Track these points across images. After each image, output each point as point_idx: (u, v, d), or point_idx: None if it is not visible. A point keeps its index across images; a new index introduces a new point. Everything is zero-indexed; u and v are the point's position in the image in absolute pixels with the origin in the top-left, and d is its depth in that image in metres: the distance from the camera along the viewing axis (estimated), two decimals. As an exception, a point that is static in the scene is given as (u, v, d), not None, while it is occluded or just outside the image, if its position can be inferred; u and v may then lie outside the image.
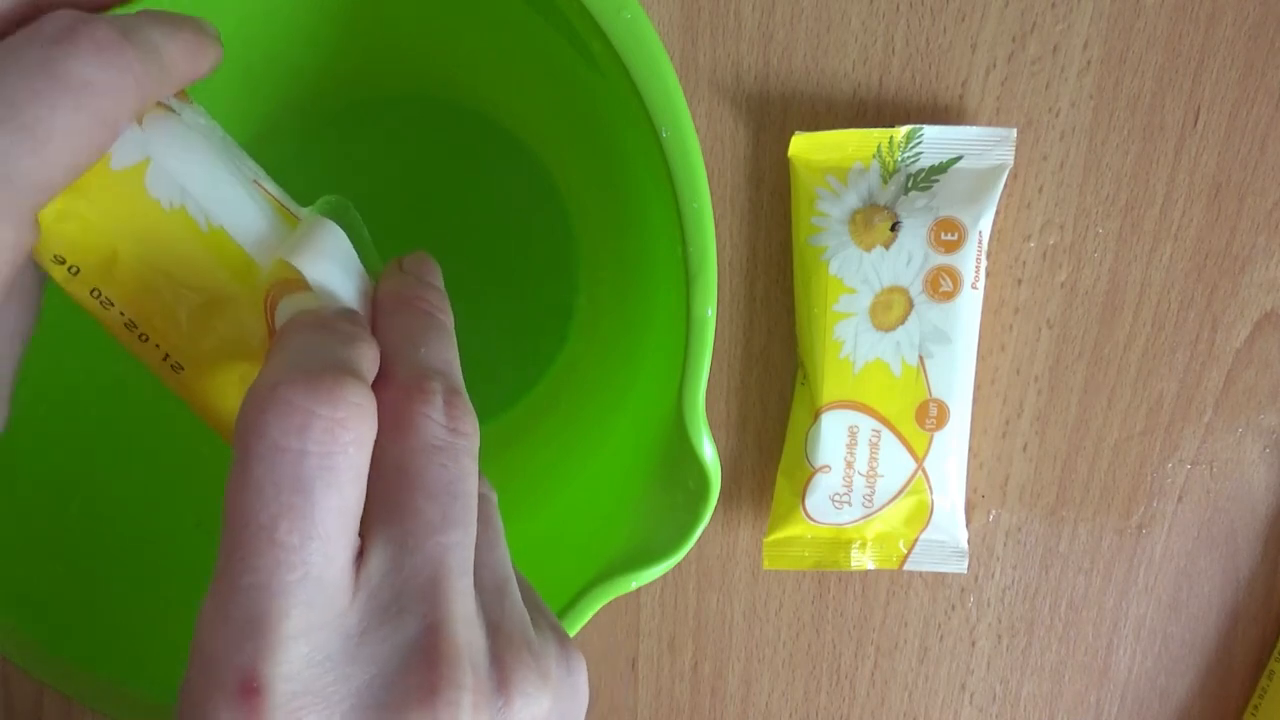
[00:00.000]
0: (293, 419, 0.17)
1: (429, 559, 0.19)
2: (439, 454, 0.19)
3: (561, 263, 0.35)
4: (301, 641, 0.17)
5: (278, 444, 0.17)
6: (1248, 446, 0.38)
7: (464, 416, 0.20)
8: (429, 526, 0.19)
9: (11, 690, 0.40)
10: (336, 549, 0.18)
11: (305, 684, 0.17)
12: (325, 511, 0.18)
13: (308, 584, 0.17)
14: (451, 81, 0.33)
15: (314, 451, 0.17)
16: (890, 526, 0.37)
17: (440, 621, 0.18)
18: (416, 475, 0.19)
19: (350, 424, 0.18)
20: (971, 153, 0.35)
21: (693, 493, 0.26)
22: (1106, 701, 0.40)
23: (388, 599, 0.18)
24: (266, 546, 0.17)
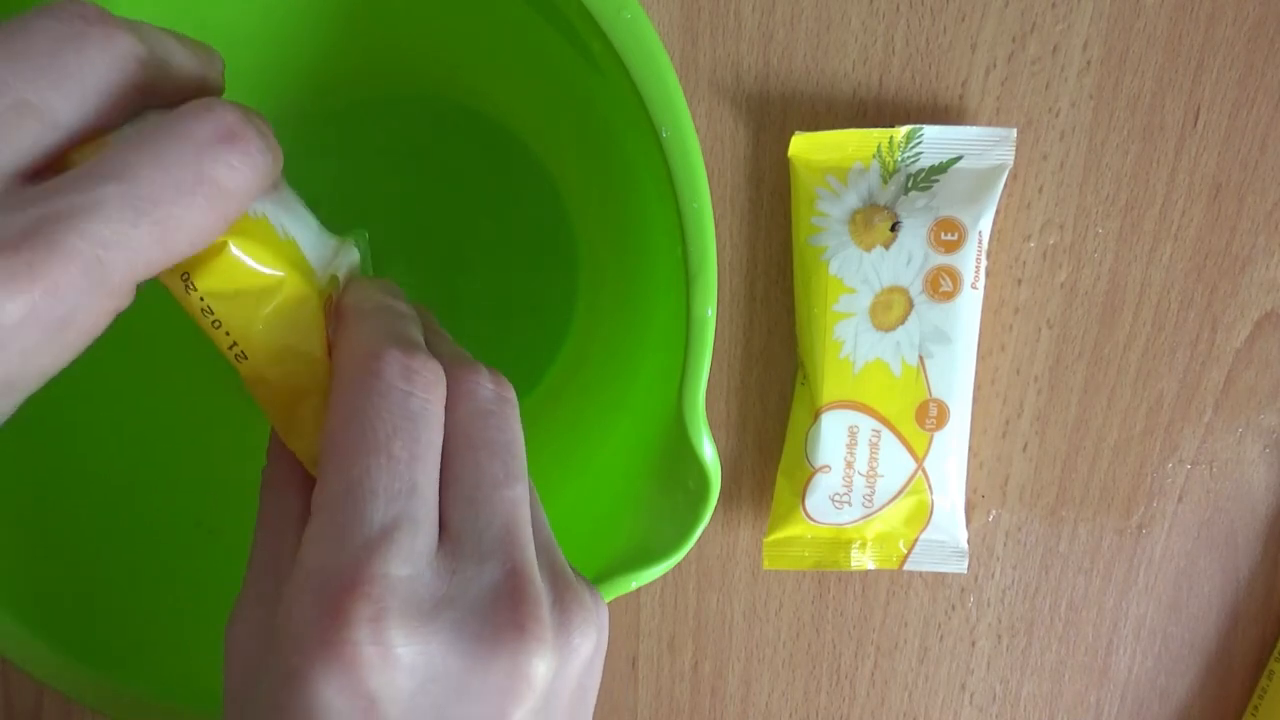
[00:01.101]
0: (399, 370, 0.21)
1: (500, 511, 0.21)
2: (493, 417, 0.22)
3: (561, 263, 0.35)
4: (406, 562, 0.19)
5: (392, 384, 0.20)
6: (1248, 446, 0.38)
7: (505, 384, 0.23)
8: (495, 481, 0.21)
9: (11, 690, 0.40)
10: (432, 479, 0.21)
11: (409, 603, 0.19)
12: (427, 442, 0.21)
13: (414, 502, 0.20)
14: (452, 81, 0.33)
15: (419, 395, 0.21)
16: (890, 526, 0.37)
17: (520, 566, 0.21)
18: (477, 437, 0.22)
19: (438, 386, 0.21)
20: (971, 153, 0.35)
21: (693, 493, 0.26)
22: (1106, 701, 0.40)
23: (470, 546, 0.21)
24: (384, 459, 0.20)
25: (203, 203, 0.18)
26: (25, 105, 0.17)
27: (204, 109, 0.19)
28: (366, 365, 0.21)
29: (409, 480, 0.20)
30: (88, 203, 0.17)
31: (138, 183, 0.17)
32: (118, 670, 0.28)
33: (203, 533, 0.32)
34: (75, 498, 0.30)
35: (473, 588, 0.20)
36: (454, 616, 0.20)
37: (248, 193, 0.19)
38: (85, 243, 0.17)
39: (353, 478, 0.20)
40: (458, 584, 0.20)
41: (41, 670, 0.28)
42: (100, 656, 0.28)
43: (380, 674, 0.19)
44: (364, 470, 0.20)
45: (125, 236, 0.17)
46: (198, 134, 0.18)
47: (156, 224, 0.18)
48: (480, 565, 0.20)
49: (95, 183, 0.17)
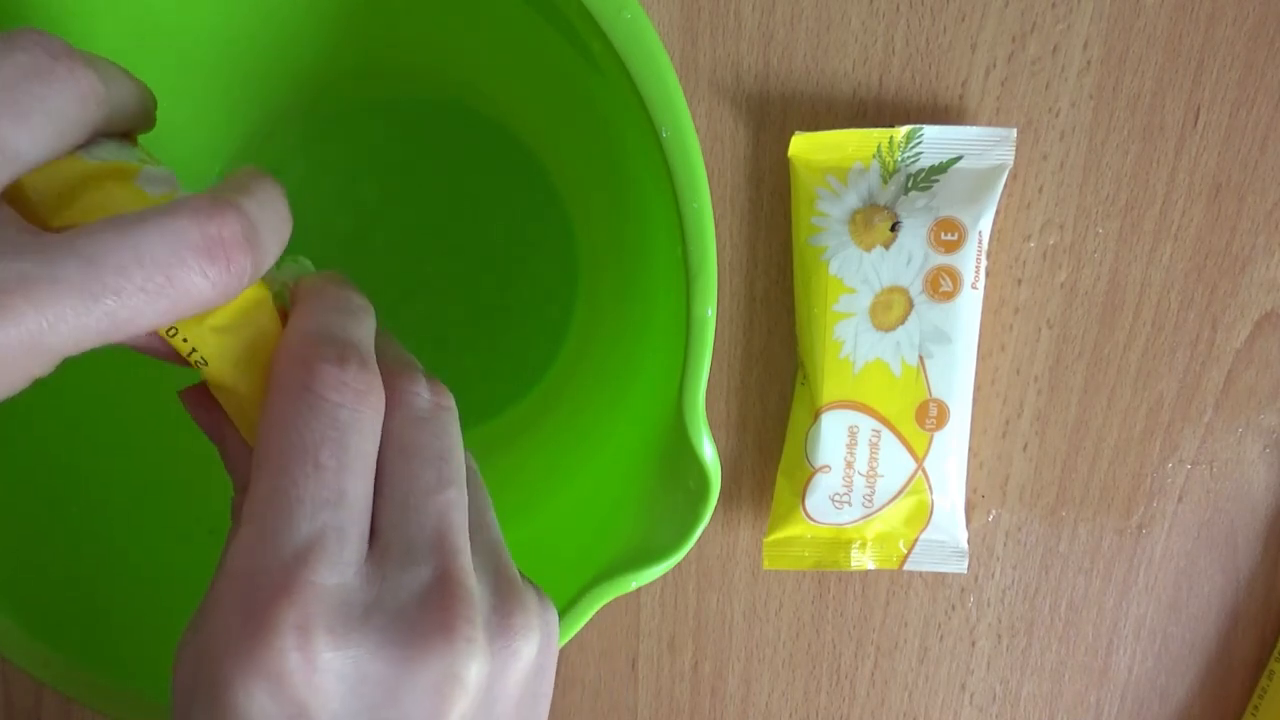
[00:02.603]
0: (329, 381, 0.20)
1: (431, 515, 0.21)
2: (429, 424, 0.22)
3: (561, 263, 0.34)
4: (333, 570, 0.19)
5: (321, 395, 0.20)
6: (1248, 446, 0.38)
7: (444, 391, 0.23)
8: (426, 488, 0.21)
9: (11, 690, 0.40)
10: (362, 486, 0.21)
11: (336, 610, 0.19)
12: (357, 451, 0.20)
13: (341, 511, 0.20)
14: (452, 82, 0.33)
15: (349, 405, 0.21)
16: (890, 526, 0.37)
17: (450, 569, 0.21)
18: (410, 444, 0.22)
19: (372, 395, 0.21)
20: (971, 153, 0.35)
21: (693, 493, 0.26)
22: (1106, 701, 0.40)
23: (400, 551, 0.21)
24: (311, 468, 0.20)
25: (165, 305, 0.18)
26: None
27: (207, 211, 0.18)
28: (297, 376, 0.21)
29: (336, 489, 0.20)
30: (46, 277, 0.17)
31: (103, 271, 0.17)
32: (117, 670, 0.28)
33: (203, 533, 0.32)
34: (75, 498, 0.30)
35: (402, 593, 0.20)
36: (381, 622, 0.20)
37: (217, 302, 0.19)
38: (35, 314, 0.17)
39: (280, 487, 0.20)
40: (386, 589, 0.20)
41: (41, 670, 0.28)
42: (100, 656, 0.28)
43: (308, 681, 0.19)
44: (291, 480, 0.20)
45: (74, 320, 0.17)
46: (186, 237, 0.18)
47: (108, 315, 0.17)
48: (409, 570, 0.20)
49: (62, 256, 0.17)
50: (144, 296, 0.18)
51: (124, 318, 0.18)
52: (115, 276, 0.17)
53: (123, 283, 0.17)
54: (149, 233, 0.18)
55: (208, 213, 0.18)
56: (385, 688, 0.19)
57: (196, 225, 0.18)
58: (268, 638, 0.18)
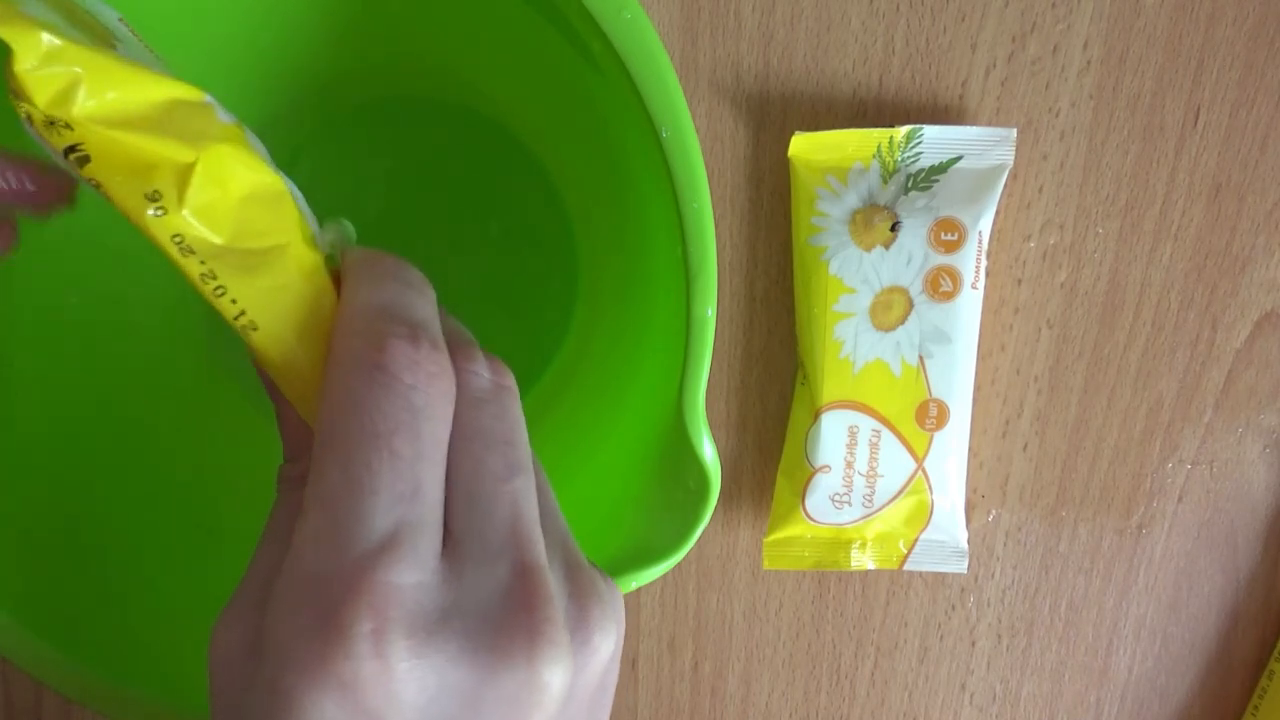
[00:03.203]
0: (403, 360, 0.19)
1: (503, 507, 0.20)
2: (490, 405, 0.21)
3: (561, 263, 0.34)
4: (411, 569, 0.18)
5: (395, 375, 0.19)
6: (1248, 446, 0.38)
7: (504, 369, 0.22)
8: (495, 475, 0.20)
9: (11, 690, 0.40)
10: (436, 476, 0.19)
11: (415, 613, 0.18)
12: (431, 437, 0.19)
13: (417, 505, 0.19)
14: (451, 82, 0.33)
15: (422, 388, 0.19)
16: (890, 526, 0.37)
17: (528, 565, 0.19)
18: (473, 428, 0.20)
19: (445, 378, 0.20)
20: (971, 153, 0.35)
21: (693, 493, 0.26)
22: (1106, 701, 0.40)
23: (475, 547, 0.19)
24: (387, 456, 0.18)
25: None
26: None
27: None
28: (367, 353, 0.19)
29: (412, 480, 0.19)
30: None
31: None
32: (118, 670, 0.28)
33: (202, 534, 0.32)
34: (75, 497, 0.30)
35: (481, 592, 0.19)
36: (462, 625, 0.18)
37: None
38: None
39: (353, 474, 0.18)
40: (465, 589, 0.19)
41: (41, 670, 0.28)
42: (100, 656, 0.28)
43: (384, 691, 0.17)
44: (365, 467, 0.18)
45: None
46: None
47: None
48: (487, 567, 0.19)
49: None
50: None
51: None
52: None
53: None
54: None
55: None
56: (466, 696, 0.18)
57: None
58: (341, 643, 0.17)
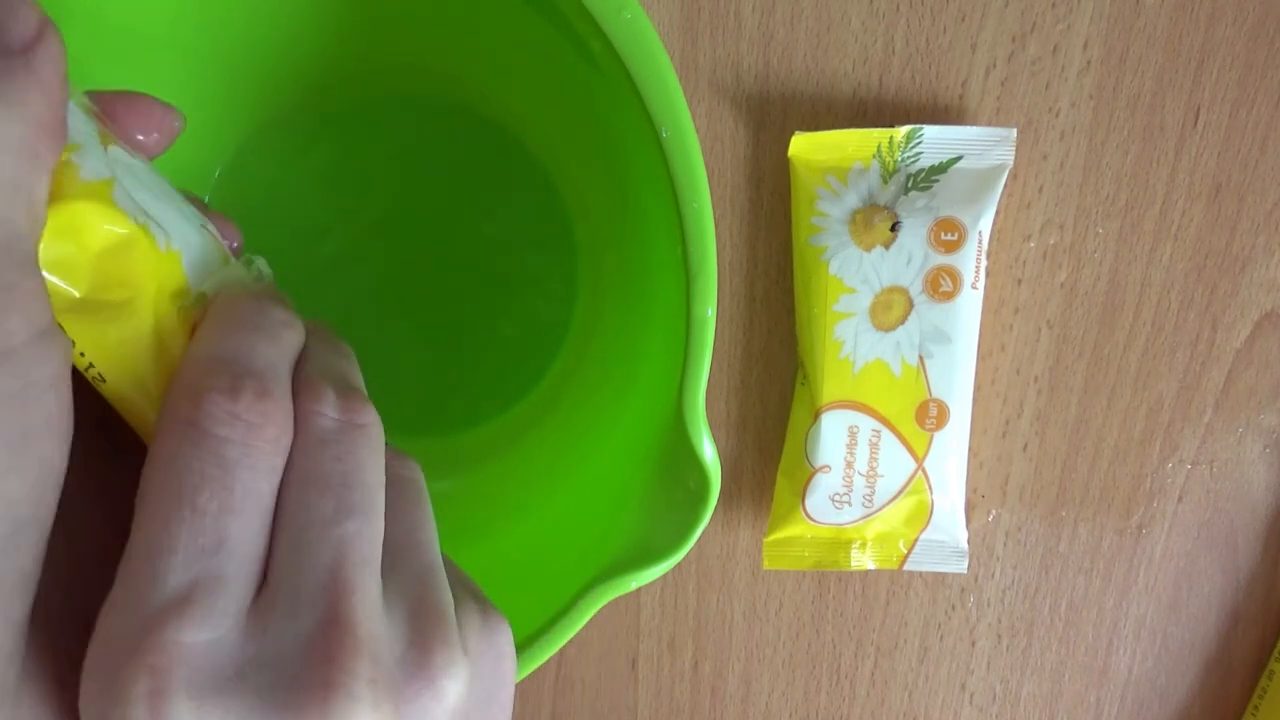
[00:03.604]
0: (217, 414, 0.18)
1: (325, 552, 0.19)
2: (332, 447, 0.20)
3: (561, 263, 0.34)
4: (203, 626, 0.17)
5: (206, 430, 0.18)
6: (1248, 446, 0.38)
7: (359, 408, 0.21)
8: (323, 520, 0.19)
9: (11, 690, 0.39)
10: (249, 532, 0.18)
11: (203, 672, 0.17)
12: (244, 490, 0.18)
13: (220, 559, 0.18)
14: (451, 81, 0.33)
15: (238, 440, 0.18)
16: (890, 526, 0.37)
17: (337, 615, 0.18)
18: (310, 471, 0.19)
19: (270, 427, 0.19)
20: (971, 153, 0.35)
21: (693, 493, 0.26)
22: (1106, 701, 0.40)
23: (288, 596, 0.18)
24: (187, 513, 0.18)
25: None
26: None
27: None
28: (183, 408, 0.18)
29: (216, 535, 0.18)
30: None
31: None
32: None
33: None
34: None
35: (284, 644, 0.18)
36: (259, 681, 0.17)
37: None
38: None
39: (152, 535, 0.18)
40: (267, 642, 0.18)
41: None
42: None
43: None
44: (164, 526, 0.18)
45: None
46: None
47: None
48: (295, 618, 0.18)
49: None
50: None
51: None
52: None
53: None
54: None
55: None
56: None
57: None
58: (117, 707, 0.16)
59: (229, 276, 0.22)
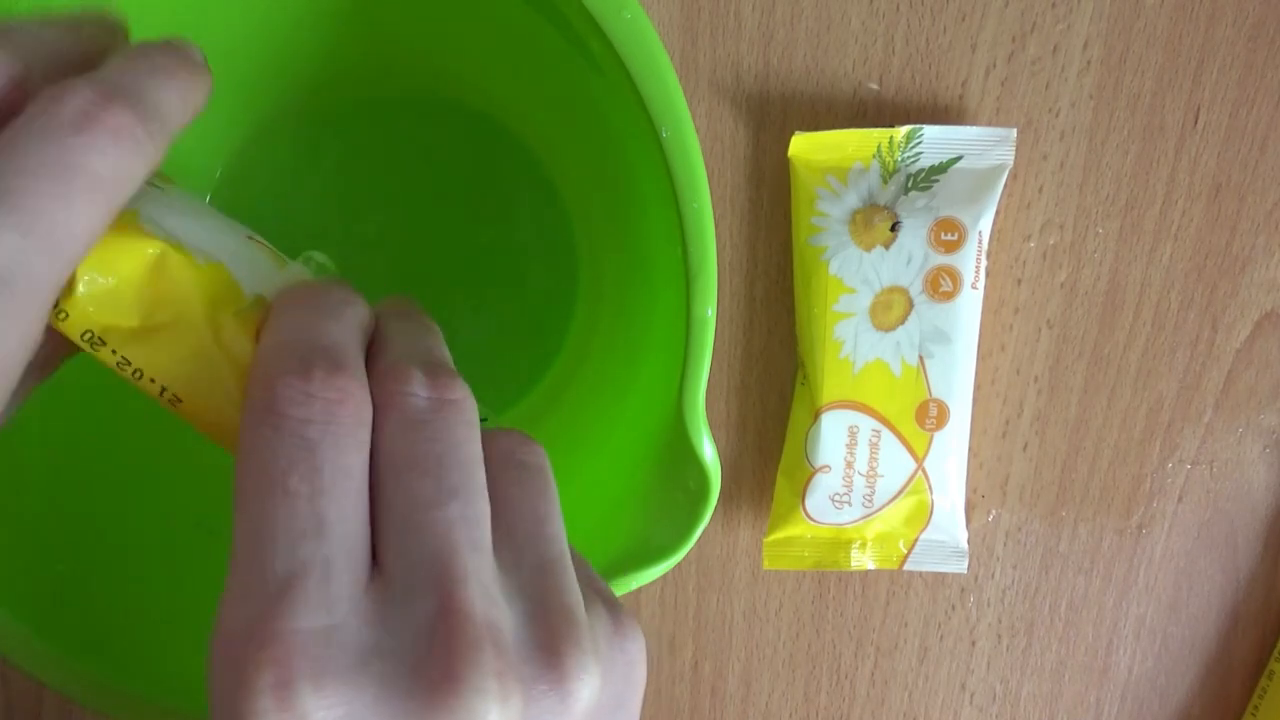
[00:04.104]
0: (292, 395, 0.18)
1: (431, 537, 0.18)
2: (424, 428, 0.19)
3: (561, 263, 0.35)
4: (317, 612, 0.17)
5: (284, 413, 0.18)
6: (1248, 446, 0.38)
7: (448, 383, 0.20)
8: (425, 503, 0.19)
9: (11, 690, 0.40)
10: (347, 512, 0.18)
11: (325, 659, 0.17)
12: (333, 469, 0.18)
13: (323, 542, 0.17)
14: (451, 81, 0.33)
15: (317, 419, 0.18)
16: (890, 526, 0.37)
17: (452, 603, 0.18)
18: (404, 454, 0.19)
19: (349, 402, 0.19)
20: (971, 153, 0.35)
21: (693, 493, 0.26)
22: (1106, 701, 0.40)
23: (401, 583, 0.18)
24: (280, 498, 0.18)
25: (83, 200, 0.17)
26: None
27: (52, 101, 0.17)
28: (259, 397, 0.18)
29: (313, 518, 0.18)
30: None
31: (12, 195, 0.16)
32: (117, 670, 0.28)
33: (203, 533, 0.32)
34: (75, 497, 0.30)
35: (406, 632, 0.17)
36: (382, 669, 0.17)
37: (133, 175, 0.18)
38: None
39: (251, 526, 0.18)
40: (388, 629, 0.17)
41: (41, 670, 0.28)
42: (100, 656, 0.28)
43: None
44: (260, 515, 0.18)
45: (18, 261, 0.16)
46: (57, 127, 0.17)
47: (44, 238, 0.16)
48: (413, 604, 0.18)
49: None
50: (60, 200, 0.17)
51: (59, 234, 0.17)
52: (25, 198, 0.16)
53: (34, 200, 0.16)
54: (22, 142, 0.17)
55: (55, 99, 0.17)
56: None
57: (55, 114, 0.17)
58: (249, 702, 0.16)
59: (289, 277, 0.22)
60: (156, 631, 0.30)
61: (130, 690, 0.28)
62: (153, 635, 0.30)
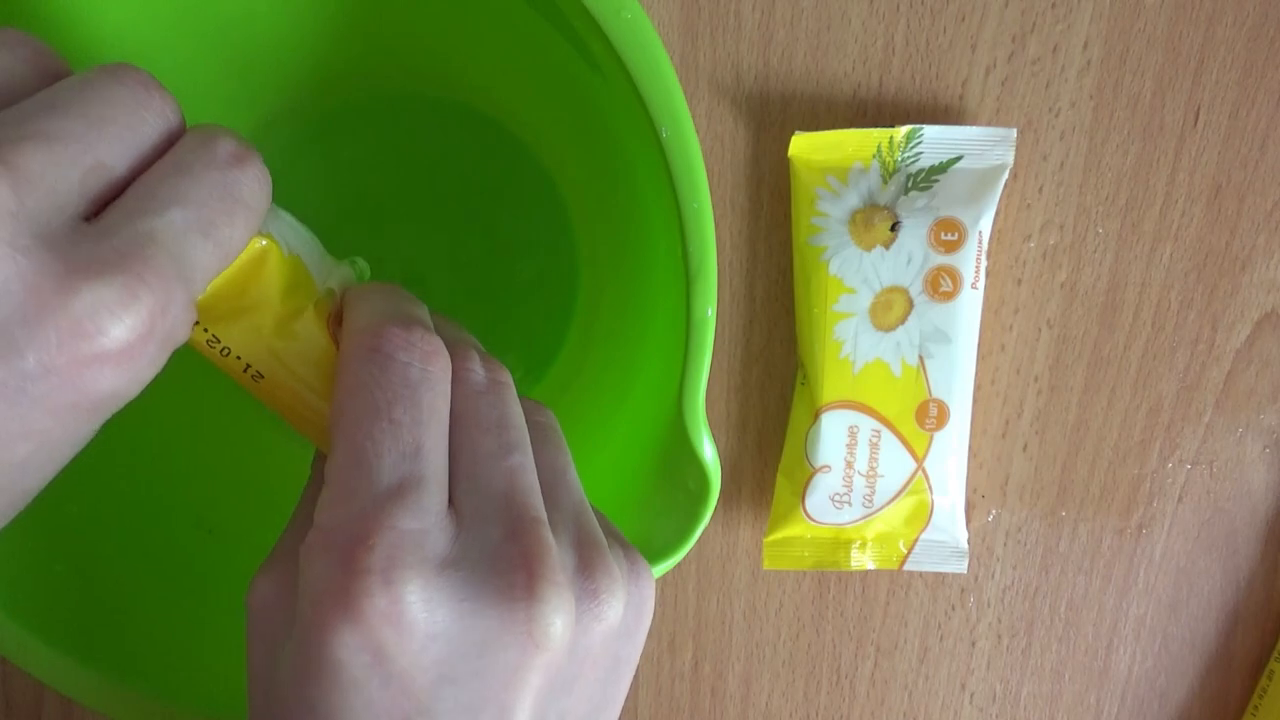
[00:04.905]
0: (397, 342, 0.22)
1: (498, 479, 0.22)
2: (485, 395, 0.23)
3: (561, 263, 0.35)
4: (415, 517, 0.20)
5: (391, 356, 0.21)
6: (1248, 446, 0.38)
7: (499, 367, 0.24)
8: (490, 454, 0.22)
9: (11, 690, 0.40)
10: (437, 442, 0.21)
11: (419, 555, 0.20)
12: (429, 407, 0.21)
13: (420, 463, 0.21)
14: (451, 81, 0.33)
15: (418, 364, 0.22)
16: (890, 526, 0.37)
17: (525, 527, 0.21)
18: (469, 416, 0.23)
19: (439, 356, 0.22)
20: (971, 153, 0.35)
21: (693, 493, 0.26)
22: (1106, 701, 0.40)
23: (473, 512, 0.21)
24: (386, 423, 0.21)
25: (241, 219, 0.20)
26: (100, 166, 0.19)
27: (211, 138, 0.20)
28: (365, 340, 0.22)
29: (413, 442, 0.21)
30: (164, 225, 0.19)
31: (197, 206, 0.19)
32: (118, 670, 0.28)
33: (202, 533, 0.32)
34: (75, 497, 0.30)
35: (481, 549, 0.20)
36: (463, 574, 0.20)
37: (265, 206, 0.21)
38: (174, 264, 0.18)
39: (358, 443, 0.21)
40: (464, 545, 0.20)
41: (41, 670, 0.28)
42: (100, 656, 0.28)
43: (391, 625, 0.19)
44: (367, 435, 0.21)
45: (198, 258, 0.19)
46: (220, 159, 0.20)
47: (217, 244, 0.20)
48: (486, 529, 0.21)
49: (162, 206, 0.19)
50: (227, 216, 0.20)
51: (224, 242, 0.20)
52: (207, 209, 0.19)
53: (212, 212, 0.19)
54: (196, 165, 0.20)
55: (213, 136, 0.21)
56: (466, 639, 0.20)
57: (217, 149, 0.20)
58: (357, 580, 0.19)
59: (345, 275, 0.26)
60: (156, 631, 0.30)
61: (130, 690, 0.28)
62: (153, 635, 0.30)
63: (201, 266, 0.19)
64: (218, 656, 0.28)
